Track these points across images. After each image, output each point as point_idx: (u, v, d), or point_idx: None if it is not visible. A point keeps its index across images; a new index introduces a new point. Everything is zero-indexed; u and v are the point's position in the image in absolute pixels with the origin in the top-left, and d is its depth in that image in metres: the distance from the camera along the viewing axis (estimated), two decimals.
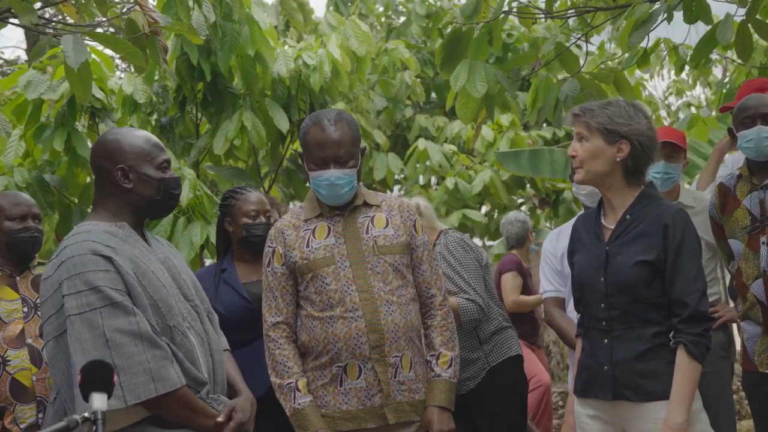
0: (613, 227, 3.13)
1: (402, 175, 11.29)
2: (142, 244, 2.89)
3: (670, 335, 3.01)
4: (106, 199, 2.92)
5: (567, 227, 4.15)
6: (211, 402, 2.83)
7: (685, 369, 2.96)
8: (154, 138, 2.99)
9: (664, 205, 3.10)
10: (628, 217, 3.10)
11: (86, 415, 2.29)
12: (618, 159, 3.07)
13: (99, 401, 2.31)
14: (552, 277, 4.24)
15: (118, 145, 2.92)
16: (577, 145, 3.12)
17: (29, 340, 3.67)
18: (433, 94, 11.32)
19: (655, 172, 4.12)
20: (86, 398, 2.33)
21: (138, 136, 2.96)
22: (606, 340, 3.09)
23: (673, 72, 10.57)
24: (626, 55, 4.49)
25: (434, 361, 3.34)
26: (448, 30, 5.81)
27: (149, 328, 2.68)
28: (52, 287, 2.75)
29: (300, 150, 3.44)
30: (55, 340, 2.74)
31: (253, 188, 4.18)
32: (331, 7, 11.40)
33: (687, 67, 7.46)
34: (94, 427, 2.28)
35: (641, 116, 3.11)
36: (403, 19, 11.43)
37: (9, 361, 3.69)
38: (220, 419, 2.81)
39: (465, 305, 4.07)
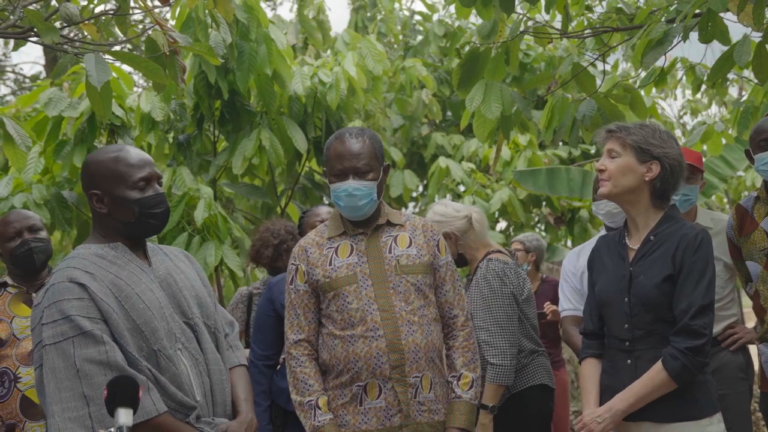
0: (636, 248, 3.16)
1: (417, 192, 11.30)
2: (137, 264, 2.83)
3: None
4: (96, 222, 2.89)
5: (588, 246, 4.14)
6: (203, 427, 2.76)
7: (653, 374, 3.00)
8: (131, 155, 2.85)
9: (687, 226, 3.14)
10: (651, 237, 3.13)
11: (112, 430, 2.32)
12: (647, 178, 3.12)
13: (124, 416, 2.34)
14: (571, 295, 4.24)
15: (90, 169, 2.86)
16: (608, 161, 3.16)
17: None
18: (449, 113, 11.33)
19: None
20: (111, 413, 2.34)
21: (109, 157, 2.84)
22: (629, 361, 3.10)
23: (687, 91, 10.55)
24: (642, 74, 4.50)
25: (455, 382, 3.34)
26: (465, 50, 5.82)
27: (119, 358, 2.61)
28: (37, 316, 2.73)
29: (317, 168, 3.47)
30: (40, 368, 2.69)
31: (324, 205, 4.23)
32: (352, 23, 11.47)
33: (703, 86, 7.44)
34: None
35: (673, 142, 3.18)
36: (420, 38, 11.47)
37: (20, 378, 3.72)
38: None
39: (492, 374, 3.97)
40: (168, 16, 6.10)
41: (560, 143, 10.10)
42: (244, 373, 3.06)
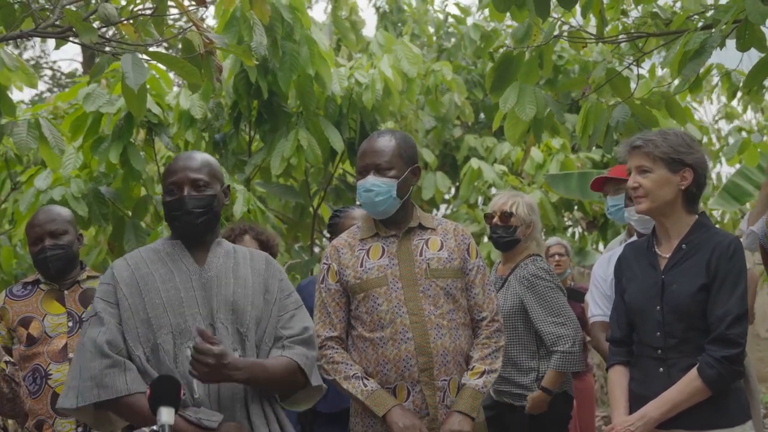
0: (668, 256, 3.14)
1: (450, 195, 11.29)
2: (185, 263, 2.96)
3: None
4: None
5: (618, 252, 4.14)
6: (189, 414, 2.76)
7: (687, 382, 3.00)
8: (179, 161, 3.01)
9: (720, 233, 3.14)
10: (684, 246, 3.12)
11: (155, 428, 2.43)
12: (682, 187, 3.12)
13: (166, 415, 2.43)
14: (600, 301, 4.23)
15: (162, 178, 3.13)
16: (639, 178, 3.13)
17: (71, 355, 3.72)
18: (482, 115, 11.31)
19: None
20: (154, 412, 2.47)
21: (170, 163, 3.05)
22: (661, 369, 3.09)
23: (722, 96, 10.45)
24: (677, 81, 4.48)
25: (467, 373, 3.33)
26: (499, 53, 5.82)
27: (104, 339, 2.82)
28: None
29: (350, 169, 3.50)
30: None
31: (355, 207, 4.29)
32: (378, 25, 11.49)
33: (738, 93, 7.38)
34: None
35: (697, 144, 3.18)
36: (453, 40, 11.46)
37: (51, 375, 3.76)
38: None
39: (559, 362, 4.10)
40: (206, 15, 6.16)
41: (594, 146, 10.04)
42: (279, 359, 2.93)
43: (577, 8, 4.95)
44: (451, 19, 11.73)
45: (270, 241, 4.58)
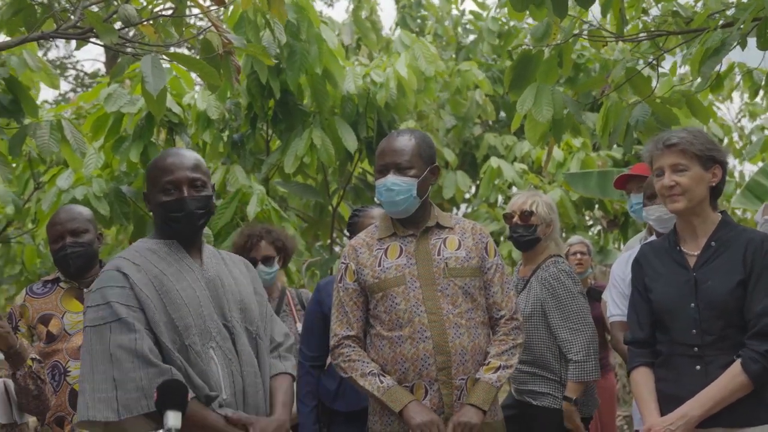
0: (696, 253, 3.13)
1: (470, 194, 11.28)
2: (187, 262, 2.91)
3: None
4: (155, 220, 3.01)
5: (636, 252, 4.13)
6: (226, 412, 2.77)
7: (729, 378, 2.97)
8: (167, 158, 2.94)
9: (750, 230, 3.15)
10: (713, 243, 3.11)
11: None
12: (712, 184, 3.12)
13: (173, 419, 2.42)
14: (619, 301, 4.21)
15: (146, 171, 3.02)
16: (676, 176, 3.11)
17: None
18: (503, 113, 11.29)
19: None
20: (161, 415, 2.45)
21: (156, 159, 2.97)
22: (698, 367, 3.05)
23: (745, 94, 10.38)
24: (698, 79, 4.44)
25: (482, 368, 3.32)
26: (518, 51, 5.81)
27: (145, 347, 2.69)
28: (86, 300, 2.91)
29: (369, 168, 3.50)
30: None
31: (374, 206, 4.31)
32: (398, 23, 11.50)
33: (761, 91, 7.33)
34: None
35: (718, 141, 3.16)
36: (471, 37, 11.45)
37: (69, 372, 3.80)
38: (230, 413, 2.77)
39: (574, 372, 4.09)
40: (222, 17, 6.19)
41: (614, 145, 10.00)
42: (286, 381, 3.07)
43: (597, 7, 4.93)
44: (469, 16, 11.73)
45: (286, 244, 4.59)
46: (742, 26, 3.98)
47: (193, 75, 7.21)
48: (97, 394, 2.68)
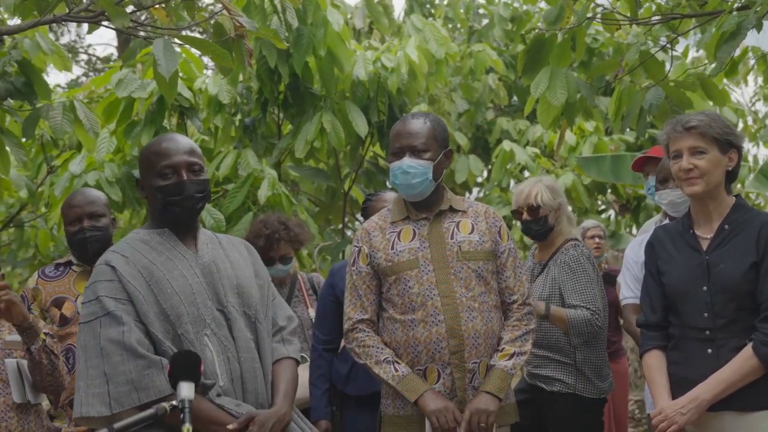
0: (709, 237, 3.12)
1: (482, 178, 11.26)
2: (180, 251, 2.88)
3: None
4: (148, 208, 3.00)
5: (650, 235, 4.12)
6: (223, 403, 2.75)
7: (741, 361, 2.96)
8: (162, 143, 2.91)
9: (764, 213, 3.12)
10: (726, 227, 3.10)
11: (174, 403, 2.39)
12: (729, 168, 3.12)
13: (186, 390, 2.39)
14: (632, 284, 4.21)
15: (139, 157, 2.98)
16: (695, 159, 3.09)
17: None
18: (515, 98, 11.25)
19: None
20: (174, 387, 2.42)
21: (150, 144, 2.96)
22: (710, 350, 3.05)
23: (759, 78, 10.31)
24: (713, 64, 4.42)
25: (496, 354, 3.31)
26: (531, 35, 5.79)
27: (133, 339, 2.67)
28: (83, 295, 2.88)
29: (381, 152, 3.48)
30: None
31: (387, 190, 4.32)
32: (407, 10, 11.44)
33: None
34: (182, 415, 2.36)
35: (732, 125, 3.16)
36: (485, 22, 11.39)
37: None
38: (230, 427, 2.71)
39: (574, 318, 4.08)
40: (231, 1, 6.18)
41: (627, 129, 9.96)
42: (288, 367, 3.01)
43: None
44: (481, 0, 11.65)
45: (303, 240, 4.59)
46: (758, 9, 3.95)
47: (204, 59, 7.22)
48: (90, 389, 2.69)
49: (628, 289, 4.22)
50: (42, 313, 3.93)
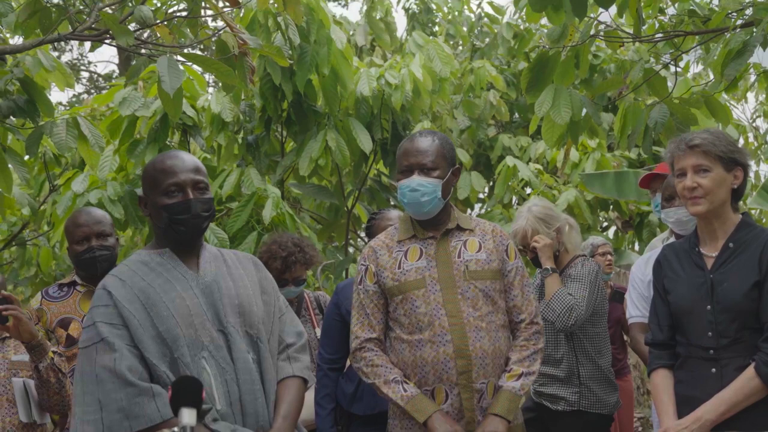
0: (714, 255, 3.09)
1: (484, 194, 11.25)
2: (180, 271, 2.84)
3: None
4: (152, 228, 2.94)
5: (656, 253, 4.10)
6: (219, 429, 2.68)
7: (743, 382, 2.93)
8: (167, 161, 2.86)
9: (766, 231, 3.09)
10: (730, 245, 3.07)
11: (176, 430, 2.36)
12: (734, 186, 3.08)
13: (188, 416, 2.36)
14: (639, 302, 4.20)
15: (142, 175, 2.94)
16: (699, 177, 3.07)
17: None
18: (516, 115, 11.26)
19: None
20: (176, 413, 2.38)
21: (155, 162, 2.89)
22: (714, 369, 3.02)
23: (761, 95, 10.32)
24: (712, 79, 4.42)
25: (504, 375, 3.28)
26: (534, 53, 5.78)
27: (124, 367, 2.64)
28: None
29: (384, 170, 3.47)
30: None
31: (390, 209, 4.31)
32: (409, 29, 11.47)
33: None
34: None
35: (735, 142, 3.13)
36: (487, 40, 11.41)
37: None
38: None
39: (561, 295, 4.11)
40: (234, 19, 6.19)
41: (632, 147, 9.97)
42: (293, 386, 2.95)
43: (611, 7, 4.90)
44: (485, 19, 11.69)
45: (316, 260, 4.58)
46: (765, 27, 3.94)
47: (206, 77, 7.23)
48: (86, 416, 2.66)
49: (635, 308, 4.20)
50: (47, 334, 3.90)
